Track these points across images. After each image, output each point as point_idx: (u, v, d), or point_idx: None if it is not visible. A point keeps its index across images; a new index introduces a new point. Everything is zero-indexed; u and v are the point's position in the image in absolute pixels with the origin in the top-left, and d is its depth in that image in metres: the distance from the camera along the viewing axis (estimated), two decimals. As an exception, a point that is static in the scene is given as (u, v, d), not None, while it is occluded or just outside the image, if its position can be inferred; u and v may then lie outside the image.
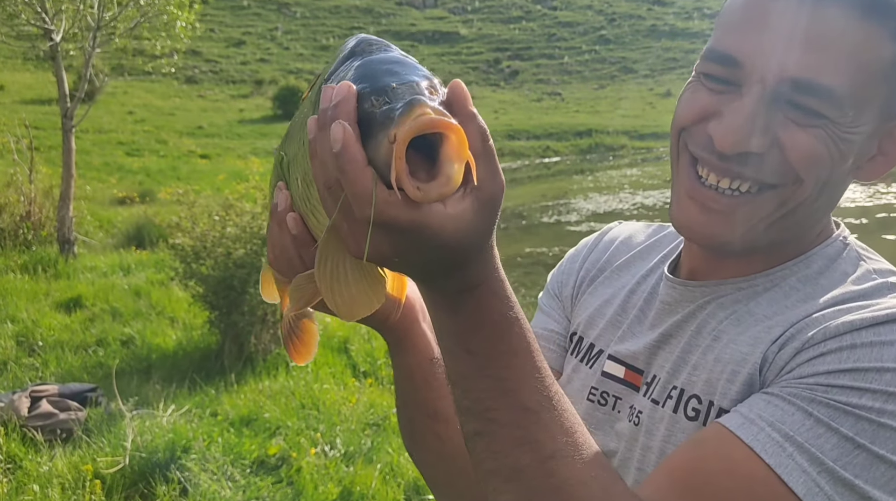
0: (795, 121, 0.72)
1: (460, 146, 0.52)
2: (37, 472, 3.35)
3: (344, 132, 0.53)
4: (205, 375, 4.68)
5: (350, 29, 48.72)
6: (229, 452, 3.62)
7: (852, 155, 0.74)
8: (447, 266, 0.58)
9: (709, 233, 0.78)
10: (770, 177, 0.74)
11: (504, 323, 0.62)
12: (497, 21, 51.81)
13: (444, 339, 0.64)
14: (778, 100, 0.72)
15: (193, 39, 10.94)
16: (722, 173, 0.76)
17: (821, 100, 0.71)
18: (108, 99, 25.38)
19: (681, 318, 0.84)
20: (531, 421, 0.62)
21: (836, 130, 0.72)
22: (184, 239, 5.06)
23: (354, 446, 3.79)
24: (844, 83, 0.70)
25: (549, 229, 12.83)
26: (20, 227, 7.86)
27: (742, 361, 0.75)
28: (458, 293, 0.60)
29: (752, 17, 0.74)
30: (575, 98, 37.77)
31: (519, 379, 0.62)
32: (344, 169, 0.53)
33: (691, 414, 0.78)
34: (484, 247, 0.59)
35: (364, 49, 0.62)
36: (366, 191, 0.53)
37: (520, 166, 23.60)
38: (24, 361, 4.90)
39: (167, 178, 16.03)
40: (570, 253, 1.07)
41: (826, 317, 0.72)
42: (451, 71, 43.48)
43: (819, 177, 0.74)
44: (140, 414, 3.92)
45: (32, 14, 7.51)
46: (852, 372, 0.66)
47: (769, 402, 0.68)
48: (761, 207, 0.75)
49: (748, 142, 0.73)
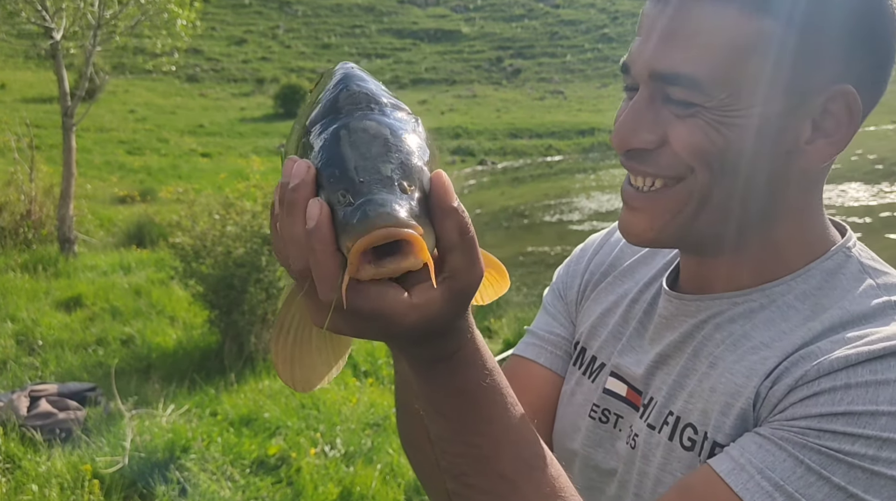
0: (675, 113, 0.74)
1: (419, 251, 0.51)
2: (35, 472, 3.34)
3: (320, 211, 0.51)
4: (205, 374, 4.66)
5: (352, 27, 48.72)
6: (229, 452, 3.61)
7: (751, 136, 0.72)
8: (411, 343, 0.57)
9: (633, 232, 0.80)
10: (668, 170, 0.75)
11: (478, 392, 0.60)
12: (499, 19, 51.76)
13: (420, 400, 0.62)
14: (660, 95, 0.74)
15: (195, 38, 10.93)
16: (633, 171, 0.78)
17: (685, 89, 0.72)
18: (109, 97, 25.36)
19: (678, 337, 0.82)
20: (508, 491, 0.61)
21: (711, 115, 0.72)
22: (184, 238, 5.05)
23: (355, 446, 3.77)
24: (703, 67, 0.71)
25: (551, 228, 12.80)
26: (20, 226, 7.85)
27: (736, 393, 0.73)
28: (431, 361, 0.59)
29: (640, 25, 0.78)
30: (577, 96, 37.71)
31: (494, 447, 0.61)
32: (314, 248, 0.52)
33: (687, 444, 0.77)
34: (454, 324, 0.58)
35: (346, 104, 0.58)
36: (332, 274, 0.52)
37: (522, 165, 23.57)
38: (24, 360, 4.89)
39: (168, 177, 16.03)
40: (576, 251, 1.05)
41: (822, 350, 0.69)
42: (454, 69, 43.41)
43: (711, 164, 0.73)
44: (139, 413, 3.90)
45: (33, 12, 7.50)
46: (846, 415, 0.64)
47: (760, 446, 0.66)
48: (671, 200, 0.76)
49: (634, 137, 0.75)
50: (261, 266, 4.75)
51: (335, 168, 0.54)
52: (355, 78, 0.61)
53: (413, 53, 45.76)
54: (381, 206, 0.50)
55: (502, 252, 10.35)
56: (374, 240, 0.49)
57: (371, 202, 0.51)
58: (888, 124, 25.20)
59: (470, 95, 37.82)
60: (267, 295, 4.79)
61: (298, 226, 0.53)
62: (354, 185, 0.52)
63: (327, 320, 0.54)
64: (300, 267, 0.54)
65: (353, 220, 0.50)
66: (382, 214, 0.50)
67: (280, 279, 4.83)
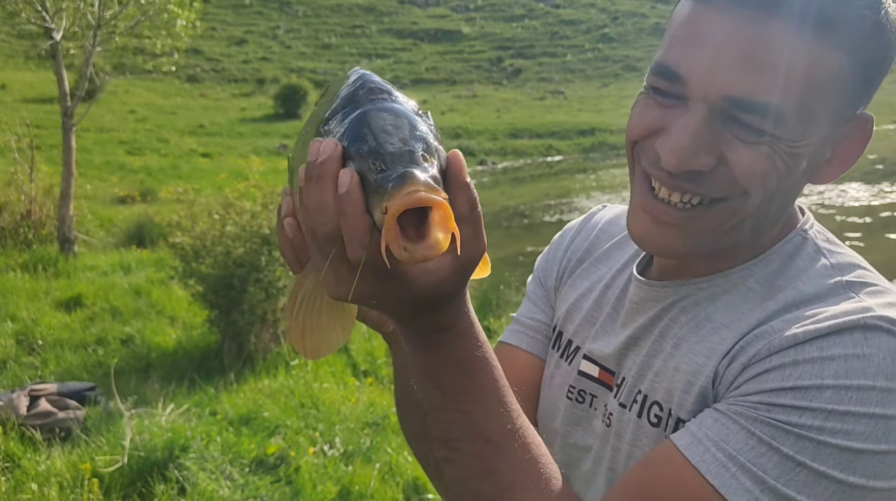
0: (739, 137, 0.72)
1: (446, 219, 0.56)
2: (35, 471, 3.34)
3: (351, 179, 0.57)
4: (204, 374, 4.67)
5: (352, 27, 48.72)
6: (228, 451, 3.61)
7: (803, 163, 0.74)
8: (419, 310, 0.63)
9: (662, 245, 0.80)
10: (717, 192, 0.75)
11: (471, 362, 0.67)
12: (499, 19, 51.75)
13: (415, 373, 0.68)
14: (721, 116, 0.72)
15: (195, 38, 10.94)
16: (672, 188, 0.76)
17: (762, 118, 0.71)
18: (109, 97, 25.38)
19: (647, 321, 0.86)
20: (494, 453, 0.68)
21: (781, 145, 0.72)
22: (183, 237, 5.05)
23: (353, 445, 3.77)
24: (786, 100, 0.70)
25: (551, 228, 12.81)
26: (21, 226, 7.86)
27: (697, 372, 0.77)
28: (430, 332, 0.65)
29: (696, 32, 0.73)
30: (578, 96, 37.71)
31: (484, 413, 0.67)
32: (345, 210, 0.57)
33: (654, 421, 0.81)
34: (456, 295, 0.64)
35: (365, 96, 0.64)
36: (361, 233, 0.57)
37: (522, 165, 23.57)
38: (24, 360, 4.89)
39: (168, 177, 16.04)
40: (555, 238, 1.09)
41: (774, 329, 0.73)
42: (454, 69, 43.40)
43: (767, 189, 0.74)
44: (139, 412, 3.91)
45: (33, 12, 7.50)
46: (794, 390, 0.67)
47: (716, 420, 0.70)
48: (712, 219, 0.76)
49: (694, 160, 0.73)
50: (260, 266, 4.76)
51: (362, 143, 0.59)
52: (371, 76, 0.67)
53: (413, 53, 45.76)
54: (414, 173, 0.56)
55: (503, 252, 10.35)
56: (411, 201, 0.54)
57: (407, 171, 0.56)
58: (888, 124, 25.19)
59: (470, 95, 37.83)
60: (266, 294, 4.80)
61: (328, 194, 0.58)
62: (384, 156, 0.58)
63: (355, 281, 0.59)
64: (327, 230, 0.59)
65: (389, 184, 0.55)
66: (418, 180, 0.55)
67: (280, 278, 4.84)
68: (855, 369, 0.67)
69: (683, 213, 0.77)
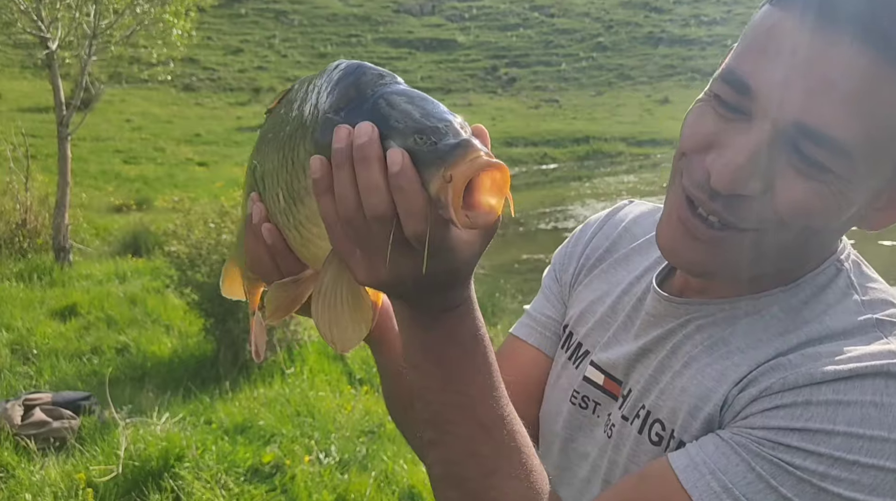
0: (797, 167, 0.67)
1: (504, 183, 0.56)
2: (29, 481, 3.33)
3: (403, 156, 0.57)
4: (200, 383, 4.66)
5: (347, 36, 48.81)
6: (223, 460, 3.60)
7: (854, 208, 0.69)
8: (443, 286, 0.64)
9: (692, 261, 0.76)
10: (749, 222, 0.70)
11: (473, 342, 0.67)
12: (494, 28, 51.93)
13: (415, 354, 0.68)
14: (785, 142, 0.66)
15: (191, 47, 10.96)
16: (707, 208, 0.72)
17: (830, 154, 0.65)
18: (105, 107, 25.35)
19: (661, 334, 0.83)
20: (483, 437, 0.68)
21: (839, 186, 0.66)
22: (179, 246, 5.05)
23: (349, 453, 3.77)
24: (860, 139, 0.64)
25: (546, 236, 12.82)
26: (16, 235, 7.84)
27: (705, 397, 0.74)
28: (439, 311, 0.66)
29: (777, 43, 0.66)
30: (572, 105, 37.79)
31: (478, 395, 0.68)
32: (401, 187, 0.57)
33: (654, 439, 0.79)
34: (473, 271, 0.66)
35: (373, 81, 0.64)
36: (421, 208, 0.57)
37: (517, 173, 23.59)
38: (19, 369, 4.88)
39: (164, 186, 16.01)
40: (576, 231, 1.05)
41: (792, 362, 0.69)
42: (449, 78, 43.50)
43: (808, 227, 0.69)
44: (133, 422, 3.90)
45: (29, 22, 7.51)
46: (802, 431, 0.65)
47: (717, 447, 0.68)
48: (742, 243, 0.72)
49: (745, 184, 0.68)
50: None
51: (400, 122, 0.59)
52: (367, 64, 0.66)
53: (409, 62, 45.86)
54: (473, 141, 0.56)
55: (498, 259, 10.35)
56: (479, 165, 0.55)
57: (464, 139, 0.57)
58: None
59: (465, 104, 37.89)
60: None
61: (376, 174, 0.58)
62: (431, 129, 0.58)
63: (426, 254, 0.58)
64: (381, 211, 0.58)
65: (455, 154, 0.56)
66: (478, 146, 0.56)
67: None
68: (870, 418, 0.63)
69: (718, 233, 0.72)
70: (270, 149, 0.73)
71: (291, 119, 0.70)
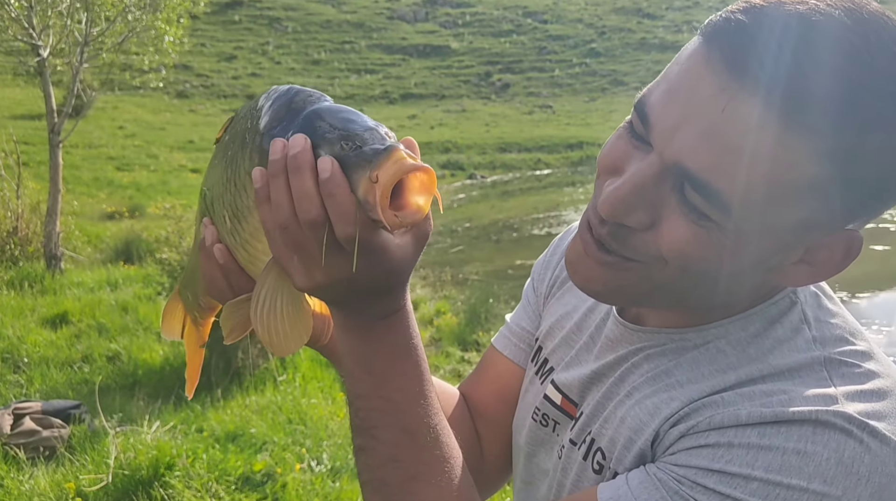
0: (681, 210, 0.66)
1: (430, 183, 0.60)
2: (18, 490, 3.31)
3: (332, 163, 0.60)
4: (191, 391, 4.64)
5: (341, 43, 48.87)
6: (214, 468, 3.59)
7: (749, 261, 0.67)
8: (377, 293, 0.66)
9: (587, 279, 0.75)
10: (630, 252, 0.69)
11: (405, 350, 0.70)
12: (488, 34, 52.07)
13: (348, 361, 0.70)
14: (672, 180, 0.65)
15: (184, 54, 10.95)
16: (595, 233, 0.72)
17: (707, 202, 0.64)
18: (98, 114, 25.31)
19: (613, 360, 0.82)
20: (406, 443, 0.69)
21: (721, 236, 0.65)
22: (170, 253, 5.04)
23: (341, 461, 3.76)
24: (740, 192, 0.62)
25: (540, 241, 12.83)
26: (7, 243, 7.79)
27: (639, 430, 0.74)
28: (375, 319, 0.68)
29: (680, 82, 0.66)
30: (566, 111, 37.90)
31: (405, 402, 0.69)
32: (332, 192, 0.60)
33: (596, 468, 0.79)
34: (408, 278, 0.68)
35: (304, 101, 0.68)
36: (350, 211, 0.60)
37: (511, 178, 23.64)
38: (9, 378, 4.85)
39: (157, 193, 15.98)
40: (555, 240, 1.06)
41: (725, 401, 0.68)
42: (443, 84, 43.58)
43: (690, 273, 0.68)
44: (124, 430, 3.88)
45: (20, 29, 7.49)
46: (720, 473, 0.64)
47: (641, 482, 0.68)
48: (629, 273, 0.71)
49: (627, 216, 0.68)
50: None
51: (327, 132, 0.63)
52: (299, 87, 0.70)
53: (402, 69, 45.93)
54: (397, 145, 0.60)
55: (492, 265, 10.36)
56: (404, 168, 0.58)
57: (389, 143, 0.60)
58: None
59: (459, 110, 37.97)
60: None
61: (309, 182, 0.61)
62: (356, 136, 0.62)
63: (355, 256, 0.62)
64: (312, 216, 0.61)
65: (379, 157, 0.59)
66: (401, 149, 0.59)
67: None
68: (791, 466, 0.62)
69: (605, 256, 0.72)
70: (216, 174, 0.78)
71: (233, 143, 0.74)
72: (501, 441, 0.99)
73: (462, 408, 1.01)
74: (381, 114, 35.16)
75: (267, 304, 0.70)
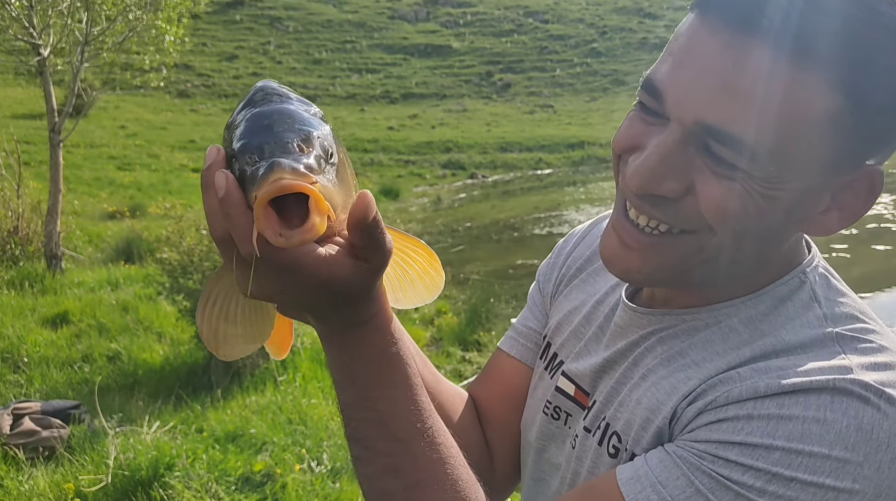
0: (711, 168, 0.67)
1: (315, 202, 0.57)
2: (17, 491, 3.30)
3: (227, 180, 0.59)
4: (191, 391, 4.63)
5: (342, 43, 48.86)
6: (214, 469, 3.58)
7: (782, 208, 0.68)
8: (331, 304, 0.64)
9: (623, 268, 0.76)
10: (684, 223, 0.70)
11: (385, 358, 0.68)
12: (489, 34, 52.02)
13: (332, 371, 0.70)
14: (697, 143, 0.67)
15: (185, 54, 10.95)
16: (638, 210, 0.73)
17: (734, 152, 0.65)
18: (99, 113, 25.32)
19: (625, 346, 0.83)
20: (400, 451, 0.68)
21: (753, 184, 0.66)
22: (171, 253, 5.03)
23: (341, 461, 3.75)
24: (762, 136, 0.64)
25: (541, 241, 12.82)
26: (8, 242, 7.79)
27: (656, 410, 0.74)
28: (346, 328, 0.66)
29: (686, 50, 0.68)
30: (567, 110, 37.86)
31: (393, 411, 0.68)
32: (228, 212, 0.58)
33: (612, 452, 0.79)
34: (368, 291, 0.65)
35: (260, 100, 0.66)
36: (247, 231, 0.58)
37: (512, 178, 23.63)
38: (9, 378, 4.84)
39: (159, 192, 15.97)
40: (558, 244, 1.07)
41: (740, 376, 0.69)
42: (444, 84, 43.56)
43: (735, 230, 0.68)
44: (123, 431, 3.87)
45: (20, 29, 7.49)
46: (741, 445, 0.64)
47: (661, 461, 0.68)
48: (678, 250, 0.72)
49: (658, 185, 0.69)
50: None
51: (243, 141, 0.61)
52: (270, 83, 0.69)
53: (403, 68, 45.92)
54: (280, 161, 0.57)
55: (493, 264, 10.34)
56: (276, 188, 0.55)
57: (275, 160, 0.57)
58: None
59: (460, 109, 37.95)
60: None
61: (213, 199, 0.60)
62: (255, 150, 0.59)
63: (251, 278, 0.60)
64: (219, 234, 0.61)
65: (256, 175, 0.57)
66: (283, 167, 0.56)
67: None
68: (812, 433, 0.62)
69: (648, 239, 0.72)
70: None
71: None
72: (510, 447, 0.99)
73: (471, 415, 1.01)
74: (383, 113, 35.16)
75: (217, 307, 0.69)
